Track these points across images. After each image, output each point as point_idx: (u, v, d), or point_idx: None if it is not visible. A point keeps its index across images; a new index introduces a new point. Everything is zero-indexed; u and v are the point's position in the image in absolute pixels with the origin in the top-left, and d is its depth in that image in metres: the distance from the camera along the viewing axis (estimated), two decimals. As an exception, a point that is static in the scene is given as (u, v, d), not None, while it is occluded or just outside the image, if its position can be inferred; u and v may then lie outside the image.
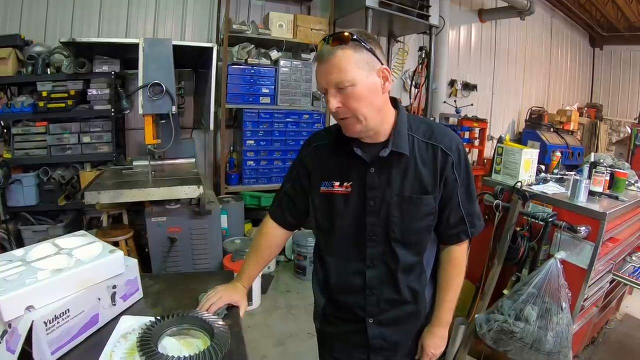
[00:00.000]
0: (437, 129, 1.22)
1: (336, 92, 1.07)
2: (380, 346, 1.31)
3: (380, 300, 1.26)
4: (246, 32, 4.13)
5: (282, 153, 4.46)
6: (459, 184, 1.21)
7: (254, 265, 1.40)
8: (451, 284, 1.31)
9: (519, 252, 2.29)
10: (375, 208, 1.19)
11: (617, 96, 9.05)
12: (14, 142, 3.44)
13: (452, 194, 1.21)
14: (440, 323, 1.33)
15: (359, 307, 1.28)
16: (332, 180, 1.22)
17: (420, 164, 1.17)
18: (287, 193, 1.35)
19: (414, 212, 1.19)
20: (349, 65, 1.03)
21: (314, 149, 1.29)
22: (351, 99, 1.06)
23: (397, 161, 1.17)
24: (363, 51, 1.05)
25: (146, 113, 2.72)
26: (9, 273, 1.01)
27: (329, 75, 1.05)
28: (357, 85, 1.05)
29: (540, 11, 7.62)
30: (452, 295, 1.31)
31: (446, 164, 1.18)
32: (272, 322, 3.14)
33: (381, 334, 1.30)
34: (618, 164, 2.84)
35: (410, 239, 1.21)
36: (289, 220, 1.38)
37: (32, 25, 3.81)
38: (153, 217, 2.95)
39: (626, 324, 3.27)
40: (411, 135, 1.18)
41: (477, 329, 2.28)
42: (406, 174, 1.17)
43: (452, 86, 6.62)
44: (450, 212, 1.23)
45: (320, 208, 1.27)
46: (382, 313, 1.28)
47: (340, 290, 1.30)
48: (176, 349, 1.03)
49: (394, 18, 4.56)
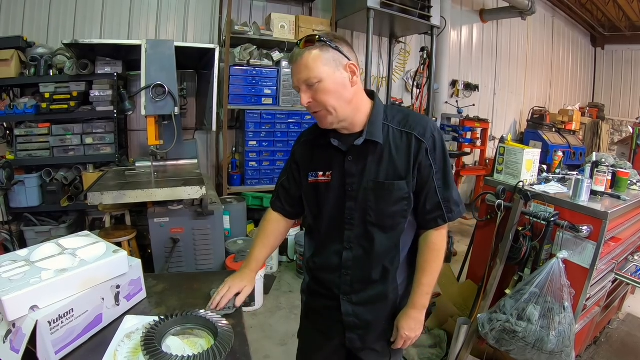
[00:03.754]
0: (413, 117, 1.28)
1: (307, 89, 1.17)
2: (354, 324, 1.38)
3: (354, 280, 1.34)
4: (248, 33, 4.14)
5: (285, 154, 4.48)
6: (435, 170, 1.25)
7: (261, 248, 1.49)
8: (428, 268, 1.33)
9: (521, 252, 2.30)
10: (353, 194, 1.27)
11: (619, 96, 9.03)
12: (17, 144, 3.46)
13: (427, 179, 1.25)
14: (415, 305, 1.35)
15: (335, 285, 1.37)
16: (317, 170, 1.32)
17: (394, 151, 1.24)
18: (283, 185, 1.47)
19: (388, 197, 1.25)
20: (315, 63, 1.14)
21: (303, 143, 1.40)
22: (320, 93, 1.16)
23: (373, 149, 1.24)
24: (329, 50, 1.15)
25: (149, 114, 2.73)
26: (13, 273, 1.02)
27: (299, 74, 1.16)
28: (323, 81, 1.14)
29: (542, 11, 7.62)
30: (428, 279, 1.33)
31: (420, 150, 1.23)
32: (275, 322, 3.15)
33: (354, 312, 1.37)
34: (620, 163, 2.83)
35: (385, 223, 1.28)
36: (288, 209, 1.49)
37: (34, 27, 3.83)
38: (156, 218, 2.96)
39: (629, 323, 3.26)
40: (386, 125, 1.25)
41: (479, 328, 2.28)
42: (381, 161, 1.24)
43: (453, 86, 6.63)
44: (426, 197, 1.28)
45: (309, 196, 1.37)
46: (356, 293, 1.35)
47: (321, 268, 1.41)
48: (180, 348, 1.04)
49: (395, 18, 4.56)
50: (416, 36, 5.84)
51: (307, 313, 1.58)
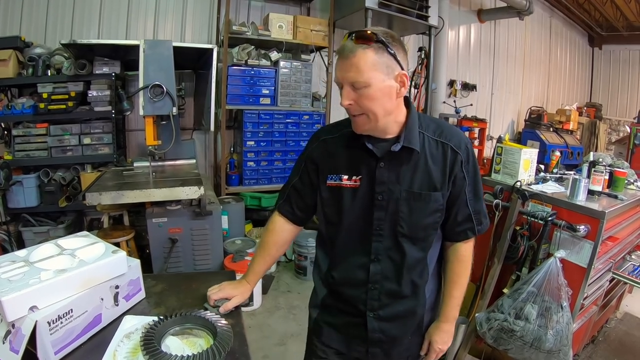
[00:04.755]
0: (447, 127, 1.24)
1: (350, 90, 1.08)
2: (379, 339, 1.31)
3: (382, 294, 1.26)
4: (246, 33, 4.13)
5: (283, 154, 4.47)
6: (467, 182, 1.23)
7: (260, 262, 1.41)
8: (458, 280, 1.32)
9: (518, 251, 2.30)
10: (383, 203, 1.19)
11: (616, 95, 9.06)
12: (15, 144, 3.45)
13: (460, 191, 1.23)
14: (447, 319, 1.34)
15: (360, 301, 1.28)
16: (340, 173, 1.22)
17: (430, 161, 1.18)
18: (295, 187, 1.34)
19: (423, 208, 1.20)
20: (367, 66, 1.04)
21: (323, 142, 1.29)
22: (363, 98, 1.08)
23: (408, 157, 1.18)
24: (384, 54, 1.05)
25: (147, 114, 2.73)
26: (12, 273, 1.02)
27: (347, 72, 1.07)
28: (371, 87, 1.06)
29: (539, 11, 7.64)
30: (459, 291, 1.32)
31: (455, 162, 1.19)
32: (274, 322, 3.15)
33: (380, 327, 1.30)
34: (617, 163, 2.84)
35: (417, 235, 1.22)
36: (298, 214, 1.37)
37: (32, 27, 3.82)
38: (154, 218, 2.95)
39: (626, 322, 3.28)
40: (422, 133, 1.20)
41: (477, 327, 2.29)
42: (416, 170, 1.18)
43: (451, 86, 6.64)
44: (458, 209, 1.25)
45: (328, 201, 1.27)
46: (383, 307, 1.28)
47: (343, 282, 1.30)
48: (179, 348, 1.04)
49: (393, 19, 4.56)
50: (414, 36, 5.84)
51: (317, 329, 1.43)
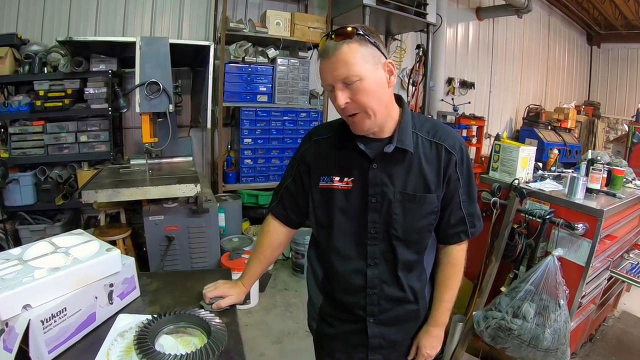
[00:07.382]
0: (441, 127, 1.21)
1: (344, 87, 1.04)
2: (380, 345, 1.29)
3: (381, 299, 1.23)
4: (243, 30, 4.12)
5: (280, 151, 4.46)
6: (461, 184, 1.19)
7: (255, 264, 1.39)
8: (449, 284, 1.29)
9: (516, 250, 2.30)
10: (376, 205, 1.16)
11: (614, 94, 9.06)
12: (11, 142, 3.44)
13: (454, 193, 1.19)
14: (437, 323, 1.31)
15: (359, 307, 1.25)
16: (332, 175, 1.19)
17: (424, 162, 1.15)
18: (289, 189, 1.31)
19: (417, 210, 1.16)
20: (356, 59, 1.01)
21: (315, 142, 1.25)
22: (360, 93, 1.03)
23: (401, 158, 1.14)
24: (368, 45, 1.03)
25: (143, 112, 2.72)
26: (5, 272, 1.01)
27: (336, 70, 1.03)
28: (364, 80, 1.02)
29: (538, 9, 7.64)
30: (450, 295, 1.29)
31: (449, 163, 1.16)
32: (270, 320, 3.14)
33: (381, 333, 1.27)
34: (615, 161, 2.84)
35: (411, 237, 1.19)
36: (292, 217, 1.34)
37: (28, 24, 3.80)
38: (150, 216, 2.94)
39: (624, 321, 3.28)
40: (415, 133, 1.16)
41: (474, 326, 2.29)
42: (409, 171, 1.15)
43: (449, 84, 6.64)
44: (451, 211, 1.22)
45: (319, 204, 1.23)
46: (383, 312, 1.25)
47: (340, 289, 1.27)
48: (173, 347, 1.03)
49: (391, 16, 4.55)
50: (412, 33, 5.84)
51: (321, 343, 1.41)
